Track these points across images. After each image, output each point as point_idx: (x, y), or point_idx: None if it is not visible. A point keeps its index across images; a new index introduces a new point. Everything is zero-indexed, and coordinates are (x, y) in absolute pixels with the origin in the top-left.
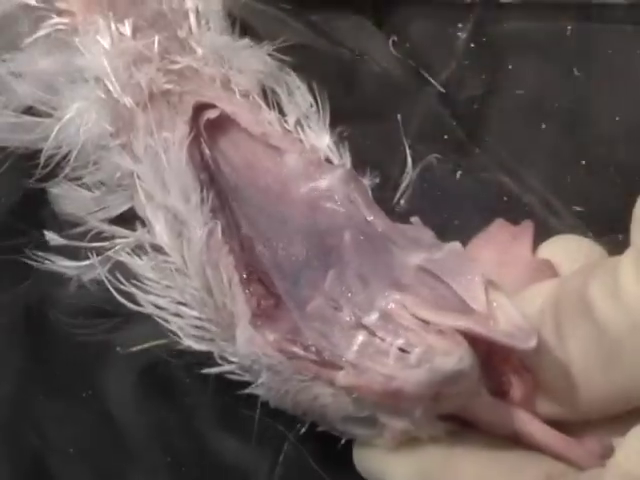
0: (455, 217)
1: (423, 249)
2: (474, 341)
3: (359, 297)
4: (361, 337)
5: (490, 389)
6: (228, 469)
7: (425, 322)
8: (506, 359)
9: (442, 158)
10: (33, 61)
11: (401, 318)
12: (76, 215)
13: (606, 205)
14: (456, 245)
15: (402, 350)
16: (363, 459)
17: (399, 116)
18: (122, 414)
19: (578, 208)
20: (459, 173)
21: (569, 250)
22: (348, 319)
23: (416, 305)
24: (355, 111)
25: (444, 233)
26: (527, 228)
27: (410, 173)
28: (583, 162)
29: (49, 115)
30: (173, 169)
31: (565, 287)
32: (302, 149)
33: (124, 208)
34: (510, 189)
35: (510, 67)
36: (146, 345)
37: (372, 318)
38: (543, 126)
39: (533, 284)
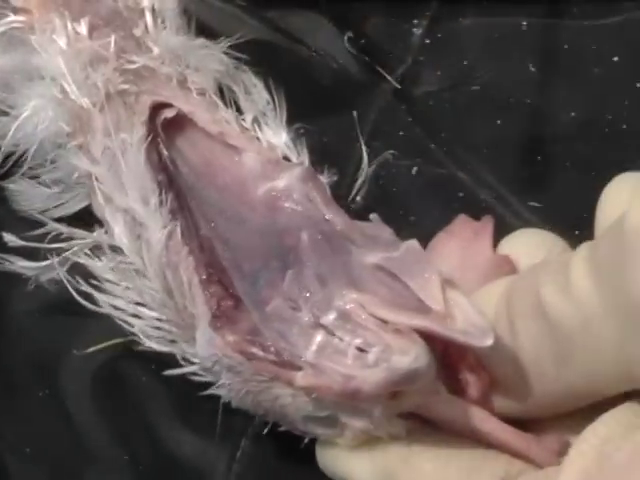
0: (411, 213)
1: (381, 248)
2: (431, 340)
3: (317, 297)
4: (319, 337)
5: (448, 387)
6: (185, 466)
7: (383, 321)
8: (463, 357)
9: (398, 154)
10: None
11: (359, 317)
12: (34, 212)
13: (562, 201)
14: (413, 243)
15: (360, 349)
16: (326, 458)
17: (355, 113)
18: (79, 413)
19: (534, 204)
20: (415, 169)
21: (531, 244)
22: (307, 319)
23: (373, 304)
24: (312, 108)
25: (400, 229)
26: (487, 224)
27: (366, 170)
28: (539, 158)
29: (5, 113)
30: (131, 171)
31: (518, 284)
32: (259, 147)
33: (82, 205)
34: (466, 185)
35: (465, 63)
36: (102, 345)
37: (330, 318)
38: (499, 122)
39: (492, 281)
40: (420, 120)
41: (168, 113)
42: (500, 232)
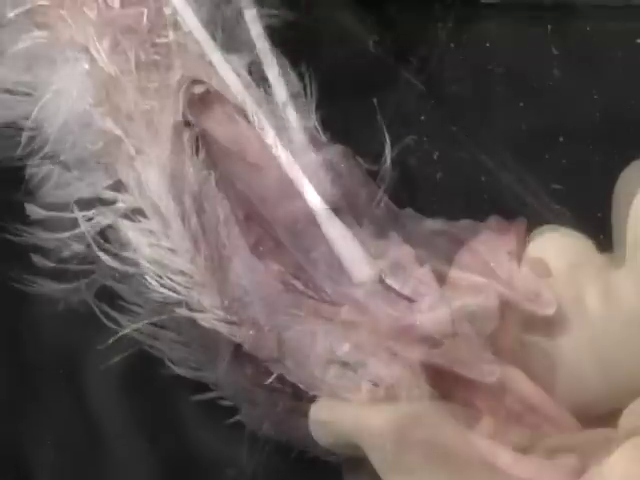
0: (433, 199)
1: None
2: (441, 373)
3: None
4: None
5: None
6: (206, 457)
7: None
8: (472, 387)
9: (419, 139)
10: (13, 40)
11: (412, 270)
12: (56, 194)
13: (584, 183)
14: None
15: (409, 299)
16: (329, 411)
17: (375, 99)
18: (99, 403)
19: (556, 186)
20: (436, 154)
21: (560, 247)
22: None
23: (429, 260)
24: (334, 92)
25: (422, 214)
26: (519, 228)
27: (388, 155)
28: (561, 139)
29: (29, 95)
30: (162, 128)
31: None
32: None
33: (106, 184)
34: (487, 168)
35: (488, 45)
36: (124, 331)
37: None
38: (521, 104)
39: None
40: (442, 103)
41: (197, 89)
42: (521, 214)
